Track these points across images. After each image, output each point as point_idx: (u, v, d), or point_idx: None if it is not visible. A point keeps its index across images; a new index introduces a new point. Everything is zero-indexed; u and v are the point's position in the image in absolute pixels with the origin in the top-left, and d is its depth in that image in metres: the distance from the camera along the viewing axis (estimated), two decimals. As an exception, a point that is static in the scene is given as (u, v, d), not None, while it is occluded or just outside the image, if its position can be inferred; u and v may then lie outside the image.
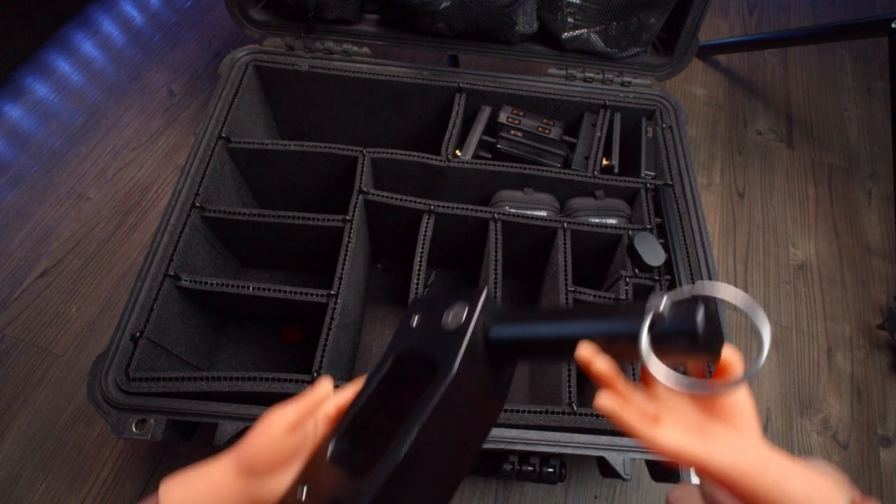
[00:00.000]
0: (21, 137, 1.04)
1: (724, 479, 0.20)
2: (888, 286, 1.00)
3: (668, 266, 0.68)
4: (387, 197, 0.70)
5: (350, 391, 0.32)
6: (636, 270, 0.68)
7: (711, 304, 0.21)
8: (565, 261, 0.68)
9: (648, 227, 0.71)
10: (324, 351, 0.58)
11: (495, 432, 0.56)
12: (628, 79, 0.86)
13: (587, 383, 0.73)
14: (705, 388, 0.21)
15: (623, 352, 0.23)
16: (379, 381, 0.31)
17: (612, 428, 0.56)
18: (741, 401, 0.22)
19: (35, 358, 0.81)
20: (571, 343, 0.24)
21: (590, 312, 0.25)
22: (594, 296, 0.66)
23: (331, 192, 0.78)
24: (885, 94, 1.26)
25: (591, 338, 0.24)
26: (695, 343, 0.21)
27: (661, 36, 0.87)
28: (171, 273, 0.62)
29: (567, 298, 0.65)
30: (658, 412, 0.23)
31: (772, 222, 1.07)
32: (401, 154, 0.74)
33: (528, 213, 0.73)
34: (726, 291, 0.22)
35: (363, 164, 0.72)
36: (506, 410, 0.56)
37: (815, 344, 0.93)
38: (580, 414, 0.56)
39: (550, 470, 0.61)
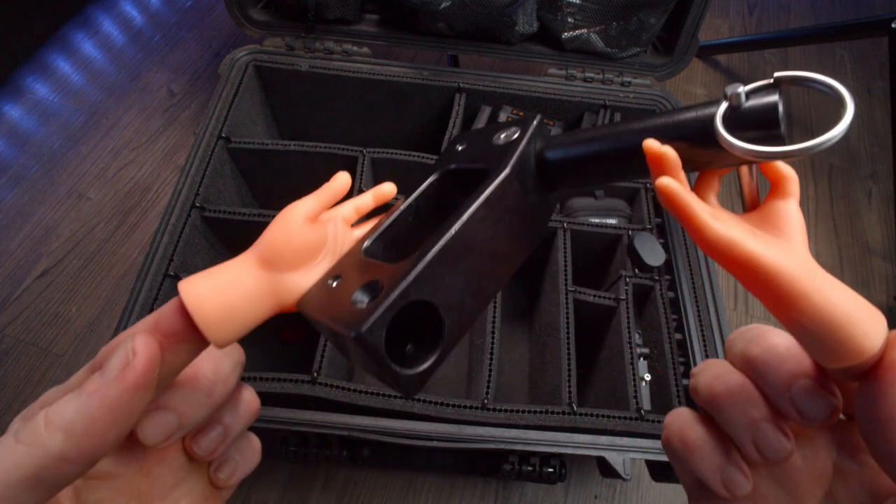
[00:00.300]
0: (21, 137, 1.04)
1: (770, 277, 0.18)
2: (888, 286, 1.00)
3: (668, 266, 0.68)
4: (387, 197, 0.70)
5: (370, 196, 0.31)
6: (636, 270, 0.68)
7: (787, 91, 0.20)
8: (565, 261, 0.68)
9: (648, 227, 0.71)
10: (324, 351, 0.58)
11: (495, 432, 0.56)
12: (628, 79, 0.86)
13: (587, 383, 0.73)
14: (790, 153, 0.19)
15: (693, 150, 0.21)
16: (419, 194, 0.30)
17: (612, 428, 0.56)
18: (794, 217, 0.21)
19: (35, 358, 0.81)
20: (635, 147, 0.22)
21: (654, 118, 0.23)
22: (594, 296, 0.66)
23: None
24: (885, 94, 1.26)
25: (657, 135, 0.22)
26: (774, 127, 0.19)
27: (661, 36, 0.87)
28: (172, 273, 0.62)
29: (567, 298, 0.65)
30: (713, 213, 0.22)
31: (772, 222, 1.06)
32: (401, 154, 0.74)
33: (528, 213, 0.73)
34: (806, 73, 0.20)
35: (363, 164, 0.72)
36: (506, 410, 0.56)
37: (815, 344, 0.93)
38: (580, 414, 0.56)
39: (550, 470, 0.61)
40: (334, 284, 0.25)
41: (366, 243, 0.28)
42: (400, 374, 0.21)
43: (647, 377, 0.65)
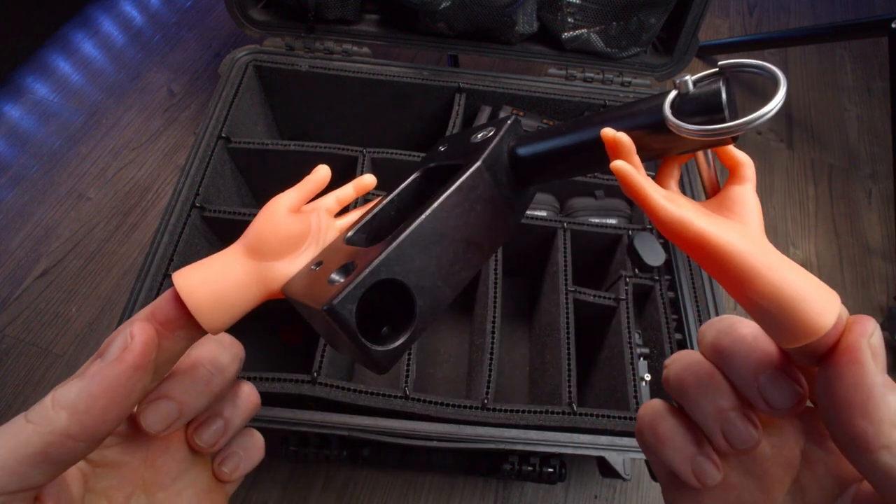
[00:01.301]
0: (21, 137, 1.04)
1: (722, 255, 0.19)
2: (888, 286, 1.00)
3: (668, 266, 0.68)
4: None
5: (351, 187, 0.33)
6: (636, 270, 0.68)
7: (730, 78, 0.22)
8: (565, 260, 0.68)
9: (648, 227, 0.71)
10: (324, 351, 0.58)
11: (495, 432, 0.56)
12: (628, 79, 0.86)
13: (587, 383, 0.73)
14: (730, 128, 0.20)
15: (648, 137, 0.23)
16: (401, 189, 0.32)
17: (612, 428, 0.56)
18: (749, 200, 0.22)
19: (35, 358, 0.81)
20: (596, 138, 0.24)
21: (611, 111, 0.25)
22: (594, 296, 0.66)
23: (331, 192, 0.78)
24: (885, 94, 1.26)
25: (615, 125, 0.24)
26: (718, 111, 0.21)
27: (661, 36, 0.87)
28: (171, 273, 0.62)
29: (567, 298, 0.65)
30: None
31: (772, 222, 1.07)
32: (401, 154, 0.74)
33: (528, 212, 0.73)
34: (745, 60, 0.22)
35: (363, 164, 0.72)
36: (506, 410, 0.56)
37: (815, 344, 0.93)
38: (580, 414, 0.56)
39: (550, 470, 0.61)
40: (316, 269, 0.27)
41: (349, 233, 0.29)
42: (371, 350, 0.23)
43: (647, 377, 0.65)
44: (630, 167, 0.22)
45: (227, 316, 0.24)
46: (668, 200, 0.21)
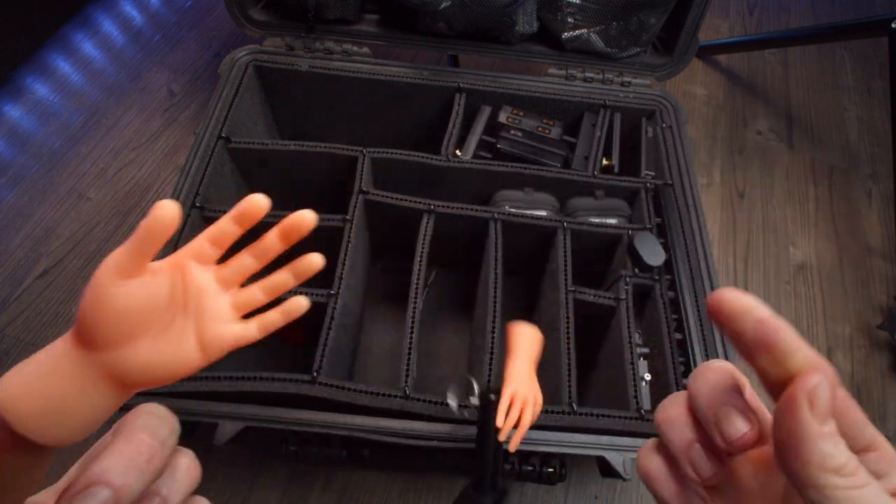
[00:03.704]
0: (21, 137, 1.04)
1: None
2: (888, 286, 1.00)
3: (668, 266, 0.68)
4: (387, 197, 0.70)
5: (229, 219, 0.26)
6: (636, 270, 0.68)
7: None
8: (565, 260, 0.68)
9: (648, 227, 0.71)
10: (324, 351, 0.58)
11: (495, 432, 0.56)
12: (628, 79, 0.86)
13: (587, 383, 0.73)
14: None
15: None
16: None
17: (612, 428, 0.56)
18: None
19: (35, 358, 0.81)
20: None
21: None
22: (594, 295, 0.66)
23: (331, 192, 0.78)
24: (885, 94, 1.26)
25: None
26: None
27: (661, 36, 0.87)
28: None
29: (567, 298, 0.65)
30: None
31: (772, 222, 1.07)
32: (401, 154, 0.74)
33: (529, 212, 0.73)
34: None
35: (363, 164, 0.72)
36: (506, 410, 0.56)
37: (816, 344, 0.93)
38: (580, 414, 0.56)
39: (550, 470, 0.61)
40: None
41: None
42: None
43: (647, 377, 0.65)
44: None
45: (70, 426, 0.20)
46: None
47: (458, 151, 0.79)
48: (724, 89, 1.25)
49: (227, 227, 0.25)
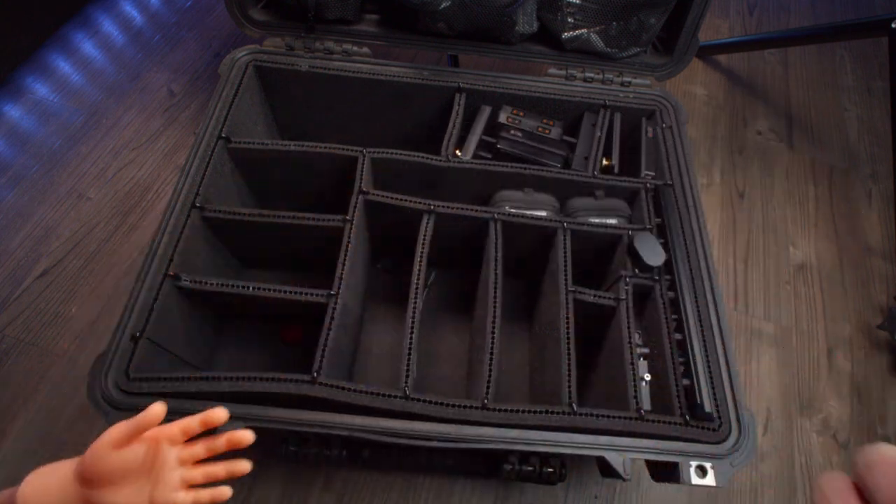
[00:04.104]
0: (21, 137, 1.04)
1: None
2: (888, 286, 1.00)
3: (668, 266, 0.68)
4: (387, 197, 0.70)
5: (197, 421, 0.38)
6: (636, 270, 0.68)
7: None
8: (565, 261, 0.68)
9: (648, 227, 0.71)
10: (324, 351, 0.58)
11: (495, 432, 0.56)
12: (628, 79, 0.86)
13: (587, 383, 0.73)
14: None
15: None
16: None
17: (612, 428, 0.56)
18: None
19: (35, 358, 0.81)
20: None
21: None
22: (594, 296, 0.66)
23: (331, 192, 0.78)
24: (885, 94, 1.26)
25: None
26: None
27: (661, 36, 0.87)
28: (171, 273, 0.62)
29: (567, 298, 0.65)
30: None
31: (772, 222, 1.07)
32: (401, 154, 0.74)
33: (529, 213, 0.73)
34: None
35: (363, 164, 0.72)
36: (506, 410, 0.56)
37: (815, 344, 0.93)
38: (580, 414, 0.56)
39: (550, 470, 0.61)
40: None
41: None
42: None
43: (647, 377, 0.65)
44: None
45: None
46: None
47: (458, 151, 0.79)
48: (724, 89, 1.25)
49: (194, 425, 0.37)
